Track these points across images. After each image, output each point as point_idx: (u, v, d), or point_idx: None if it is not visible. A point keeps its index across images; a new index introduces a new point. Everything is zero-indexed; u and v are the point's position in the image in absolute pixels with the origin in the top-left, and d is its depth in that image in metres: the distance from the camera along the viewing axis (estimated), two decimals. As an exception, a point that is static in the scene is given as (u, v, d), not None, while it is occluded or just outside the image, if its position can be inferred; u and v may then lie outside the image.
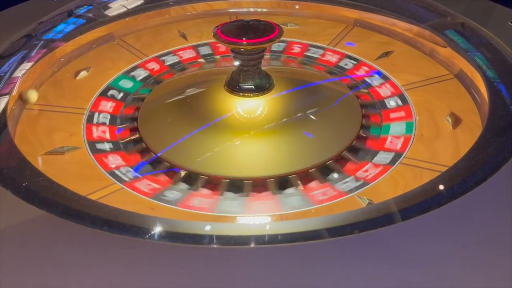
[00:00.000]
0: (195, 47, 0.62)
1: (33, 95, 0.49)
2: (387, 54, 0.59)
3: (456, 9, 0.59)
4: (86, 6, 0.64)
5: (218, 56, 0.61)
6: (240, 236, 0.34)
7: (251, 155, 0.46)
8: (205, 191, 0.42)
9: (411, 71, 0.56)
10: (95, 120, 0.50)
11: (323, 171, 0.44)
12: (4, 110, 0.47)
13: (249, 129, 0.47)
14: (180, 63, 0.60)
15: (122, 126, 0.50)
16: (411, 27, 0.60)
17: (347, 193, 0.41)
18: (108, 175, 0.44)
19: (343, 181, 0.43)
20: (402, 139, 0.47)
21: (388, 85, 0.54)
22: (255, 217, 0.40)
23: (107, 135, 0.49)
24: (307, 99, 0.52)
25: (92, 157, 0.46)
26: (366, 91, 0.54)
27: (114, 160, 0.46)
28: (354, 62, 0.58)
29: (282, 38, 0.47)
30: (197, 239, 0.33)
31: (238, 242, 0.33)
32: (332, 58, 0.59)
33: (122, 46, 0.62)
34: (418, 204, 0.33)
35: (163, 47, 0.62)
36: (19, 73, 0.53)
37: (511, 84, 0.47)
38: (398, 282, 0.29)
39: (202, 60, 0.60)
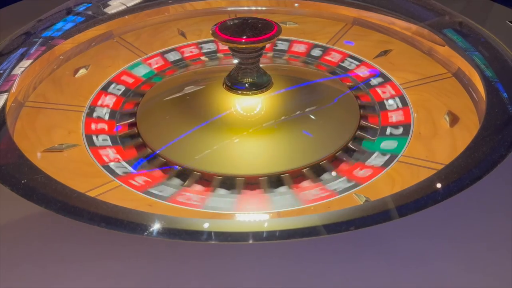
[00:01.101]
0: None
1: None
2: (385, 52, 0.59)
3: (455, 8, 0.59)
4: (85, 4, 0.64)
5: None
6: (237, 233, 0.34)
7: (249, 153, 0.46)
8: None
9: (409, 70, 0.56)
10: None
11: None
12: (3, 107, 0.48)
13: (248, 127, 0.48)
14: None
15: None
16: (409, 25, 0.60)
17: (345, 191, 0.41)
18: (106, 172, 0.44)
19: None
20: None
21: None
22: (253, 214, 0.40)
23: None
24: (305, 97, 0.52)
25: (91, 154, 0.46)
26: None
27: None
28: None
29: (286, 37, 0.47)
30: (195, 235, 0.33)
31: (236, 239, 0.33)
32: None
33: (121, 44, 0.62)
34: (414, 201, 0.34)
35: (162, 45, 0.62)
36: (18, 70, 0.53)
37: (508, 83, 0.47)
38: (393, 278, 0.30)
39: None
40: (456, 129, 0.48)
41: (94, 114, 0.51)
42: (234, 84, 0.49)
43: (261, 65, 0.50)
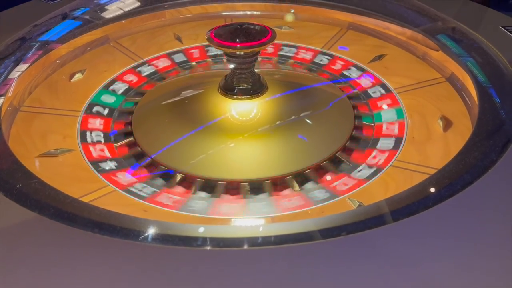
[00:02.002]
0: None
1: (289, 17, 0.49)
2: (380, 57, 0.60)
3: (449, 13, 0.60)
4: (82, 8, 0.64)
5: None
6: (231, 238, 0.34)
7: (245, 157, 0.47)
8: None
9: (403, 74, 0.56)
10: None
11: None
12: (-1, 111, 0.48)
13: (243, 131, 0.48)
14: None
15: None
16: (404, 30, 0.60)
17: (339, 195, 0.42)
18: (101, 177, 0.44)
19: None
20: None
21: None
22: (246, 219, 0.40)
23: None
24: (300, 102, 0.52)
25: (86, 159, 0.46)
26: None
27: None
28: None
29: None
30: (189, 241, 0.33)
31: (230, 244, 0.33)
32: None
33: (117, 48, 0.63)
34: (406, 207, 0.34)
35: (158, 49, 0.62)
36: (14, 74, 0.53)
37: (501, 88, 0.47)
38: (385, 283, 0.30)
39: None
40: (450, 133, 0.48)
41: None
42: (229, 89, 0.50)
43: (256, 70, 0.50)
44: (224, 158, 0.46)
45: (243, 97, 0.49)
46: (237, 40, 0.47)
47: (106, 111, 0.52)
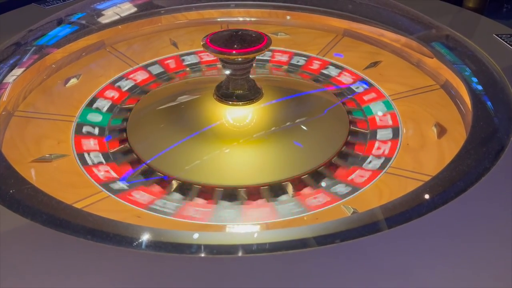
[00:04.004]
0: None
1: None
2: (375, 64, 0.60)
3: (443, 21, 0.60)
4: (79, 13, 0.64)
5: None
6: (224, 246, 0.34)
7: (240, 163, 0.46)
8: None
9: (398, 81, 0.57)
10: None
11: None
12: (-7, 116, 0.47)
13: (238, 137, 0.48)
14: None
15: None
16: (398, 37, 0.61)
17: (332, 202, 0.42)
18: (95, 183, 0.44)
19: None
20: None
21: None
22: (241, 226, 0.40)
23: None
24: (296, 108, 0.52)
25: (80, 164, 0.46)
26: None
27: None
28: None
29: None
30: (182, 248, 0.33)
31: (222, 252, 0.33)
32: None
33: (113, 53, 0.63)
34: (399, 214, 0.34)
35: (154, 55, 0.62)
36: (9, 79, 0.53)
37: (494, 96, 0.47)
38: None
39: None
40: (444, 140, 0.48)
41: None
42: (225, 95, 0.50)
43: (251, 76, 0.50)
44: (219, 164, 0.46)
45: (238, 103, 0.49)
46: (233, 46, 0.47)
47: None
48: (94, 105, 0.54)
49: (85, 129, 0.50)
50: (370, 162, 0.46)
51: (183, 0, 0.68)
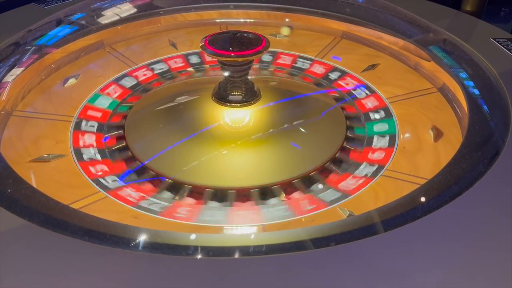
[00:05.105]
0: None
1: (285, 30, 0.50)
2: (373, 66, 0.60)
3: (441, 24, 0.61)
4: (78, 13, 0.64)
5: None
6: (221, 247, 0.34)
7: (237, 165, 0.47)
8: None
9: (396, 84, 0.57)
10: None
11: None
12: (-8, 116, 0.48)
13: (236, 139, 0.48)
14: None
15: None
16: (397, 40, 0.61)
17: (329, 204, 0.42)
18: (93, 183, 0.44)
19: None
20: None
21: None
22: (237, 228, 0.41)
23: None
24: (293, 110, 0.52)
25: (78, 165, 0.46)
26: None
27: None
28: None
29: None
30: (179, 249, 0.33)
31: (219, 254, 0.33)
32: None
33: (112, 54, 0.63)
34: (394, 217, 0.34)
35: (153, 55, 0.62)
36: (8, 78, 0.53)
37: (490, 100, 0.48)
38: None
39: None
40: (440, 144, 0.48)
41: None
42: (223, 96, 0.50)
43: (249, 77, 0.51)
44: (216, 165, 0.46)
45: (236, 104, 0.49)
46: (231, 48, 0.47)
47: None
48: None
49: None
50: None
51: (182, 1, 0.68)
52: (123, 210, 0.41)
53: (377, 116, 0.53)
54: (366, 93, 0.56)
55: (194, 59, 0.62)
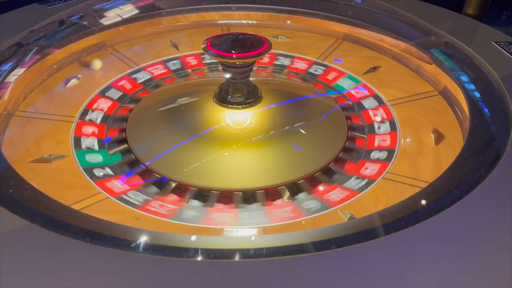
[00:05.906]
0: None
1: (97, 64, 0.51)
2: (374, 69, 0.60)
3: (442, 27, 0.61)
4: (80, 14, 0.64)
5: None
6: (222, 250, 0.34)
7: (239, 166, 0.47)
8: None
9: (397, 87, 0.57)
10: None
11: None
12: (-7, 116, 0.48)
13: (237, 140, 0.48)
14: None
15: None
16: (398, 43, 0.61)
17: (331, 206, 0.42)
18: (94, 184, 0.44)
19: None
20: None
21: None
22: (238, 230, 0.41)
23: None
24: (295, 112, 0.52)
25: (79, 165, 0.46)
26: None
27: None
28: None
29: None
30: (180, 252, 0.33)
31: (219, 256, 0.33)
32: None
33: (114, 54, 0.63)
34: (395, 221, 0.34)
35: (155, 56, 0.62)
36: (11, 78, 0.53)
37: (491, 103, 0.48)
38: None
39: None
40: (441, 147, 0.48)
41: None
42: (224, 98, 0.50)
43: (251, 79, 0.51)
44: (218, 167, 0.46)
45: (238, 106, 0.50)
46: (233, 50, 0.47)
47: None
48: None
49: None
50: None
51: (184, 2, 0.68)
52: (124, 212, 0.41)
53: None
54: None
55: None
